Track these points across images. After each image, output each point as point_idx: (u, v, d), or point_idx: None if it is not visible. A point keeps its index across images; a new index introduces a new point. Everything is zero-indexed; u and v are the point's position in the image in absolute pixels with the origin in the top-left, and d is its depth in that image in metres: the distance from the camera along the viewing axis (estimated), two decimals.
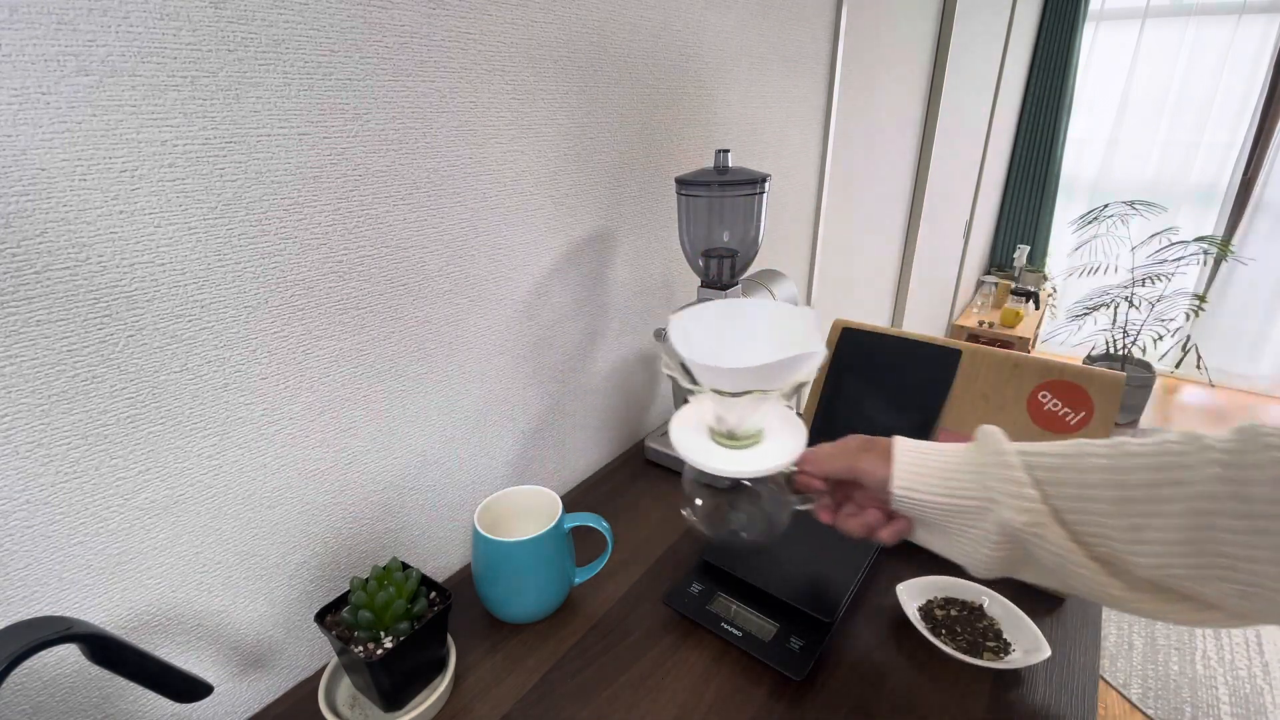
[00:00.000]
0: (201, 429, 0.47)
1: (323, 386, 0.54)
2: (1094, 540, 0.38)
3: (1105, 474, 0.38)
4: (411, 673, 0.50)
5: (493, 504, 0.60)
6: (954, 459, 0.44)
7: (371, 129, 0.51)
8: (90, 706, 0.45)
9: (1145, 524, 0.36)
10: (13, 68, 0.34)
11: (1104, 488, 0.38)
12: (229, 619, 0.52)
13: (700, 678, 0.54)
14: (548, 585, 0.58)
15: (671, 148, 0.86)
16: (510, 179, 0.65)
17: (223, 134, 0.43)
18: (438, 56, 0.55)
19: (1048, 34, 3.12)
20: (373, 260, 0.54)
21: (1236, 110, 2.86)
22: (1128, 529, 0.37)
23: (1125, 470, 0.37)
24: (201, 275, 0.44)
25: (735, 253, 0.75)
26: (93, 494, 0.42)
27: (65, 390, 0.40)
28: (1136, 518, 0.36)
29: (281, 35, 0.45)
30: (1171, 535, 0.35)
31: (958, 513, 0.43)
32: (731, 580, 0.60)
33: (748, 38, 0.96)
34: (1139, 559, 0.37)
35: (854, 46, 1.28)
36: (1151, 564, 0.36)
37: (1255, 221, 2.89)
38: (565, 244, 0.74)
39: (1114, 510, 0.37)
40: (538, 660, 0.56)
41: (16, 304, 0.37)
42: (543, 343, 0.75)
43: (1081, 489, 0.38)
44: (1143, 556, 0.36)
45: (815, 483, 0.50)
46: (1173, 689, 1.57)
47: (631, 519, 0.75)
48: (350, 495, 0.58)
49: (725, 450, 0.50)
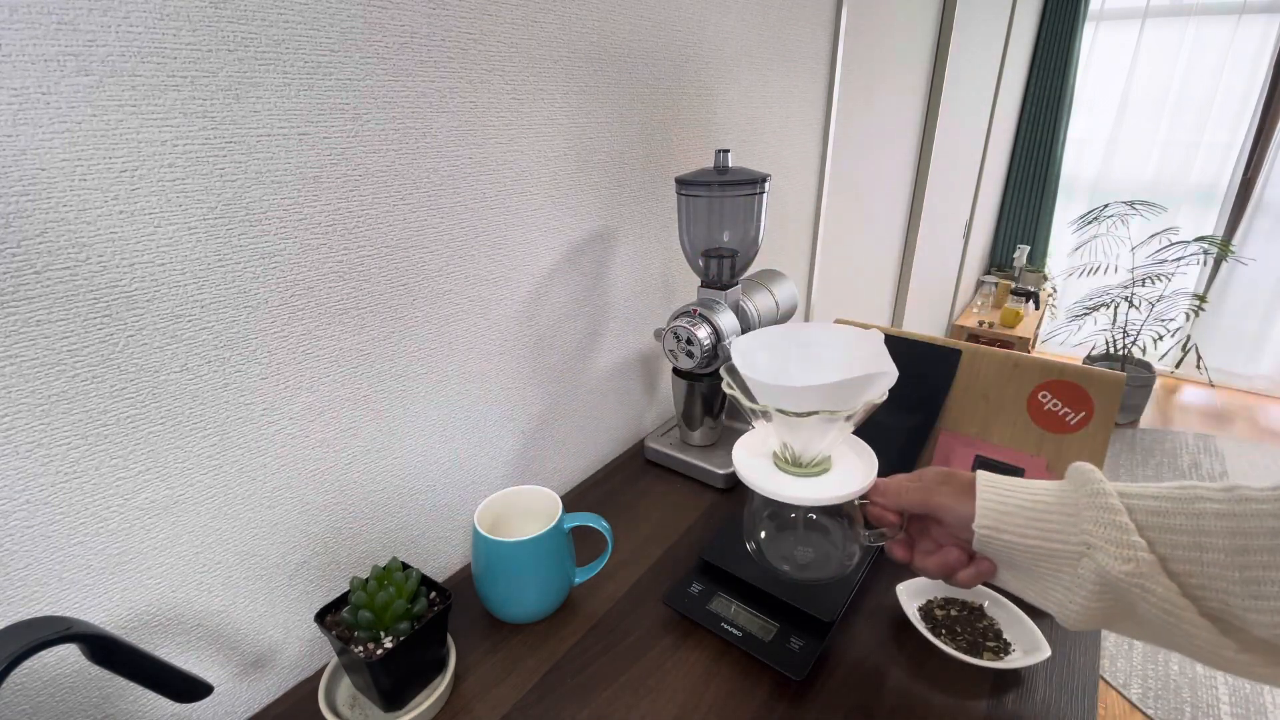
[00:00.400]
0: (201, 429, 0.47)
1: (323, 386, 0.54)
2: (1205, 595, 0.35)
3: (1222, 520, 0.34)
4: (411, 673, 0.50)
5: (493, 504, 0.60)
6: (1044, 497, 0.41)
7: (371, 129, 0.51)
8: (90, 706, 0.45)
9: (1266, 577, 0.32)
10: (13, 68, 0.34)
11: (1220, 535, 0.34)
12: (229, 619, 0.52)
13: (700, 678, 0.54)
14: (548, 585, 0.58)
15: (671, 148, 0.86)
16: (510, 179, 0.65)
17: (223, 134, 0.43)
18: (438, 56, 0.55)
19: (1048, 34, 3.13)
20: (373, 260, 0.54)
21: (1236, 110, 2.86)
22: (1245, 582, 0.33)
23: (1244, 517, 0.33)
24: (201, 275, 0.44)
25: (735, 253, 0.75)
26: (93, 494, 0.42)
27: (65, 390, 0.40)
28: (1257, 570, 0.32)
29: (281, 35, 0.45)
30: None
31: (1048, 556, 0.40)
32: (731, 580, 0.60)
33: (748, 37, 0.96)
34: (1258, 616, 0.33)
35: (854, 46, 1.28)
36: (1271, 622, 0.32)
37: (1255, 221, 2.89)
38: (565, 244, 0.74)
39: (1230, 562, 0.33)
40: (538, 660, 0.56)
41: (16, 304, 0.37)
42: (543, 343, 0.75)
43: (1195, 536, 0.34)
44: (1263, 614, 0.33)
45: (889, 516, 0.47)
46: (1173, 689, 1.57)
47: (631, 519, 0.75)
48: (350, 495, 0.58)
49: (792, 478, 0.49)
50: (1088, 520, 0.38)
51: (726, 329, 0.74)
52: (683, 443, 0.86)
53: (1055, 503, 0.40)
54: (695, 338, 0.72)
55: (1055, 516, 0.39)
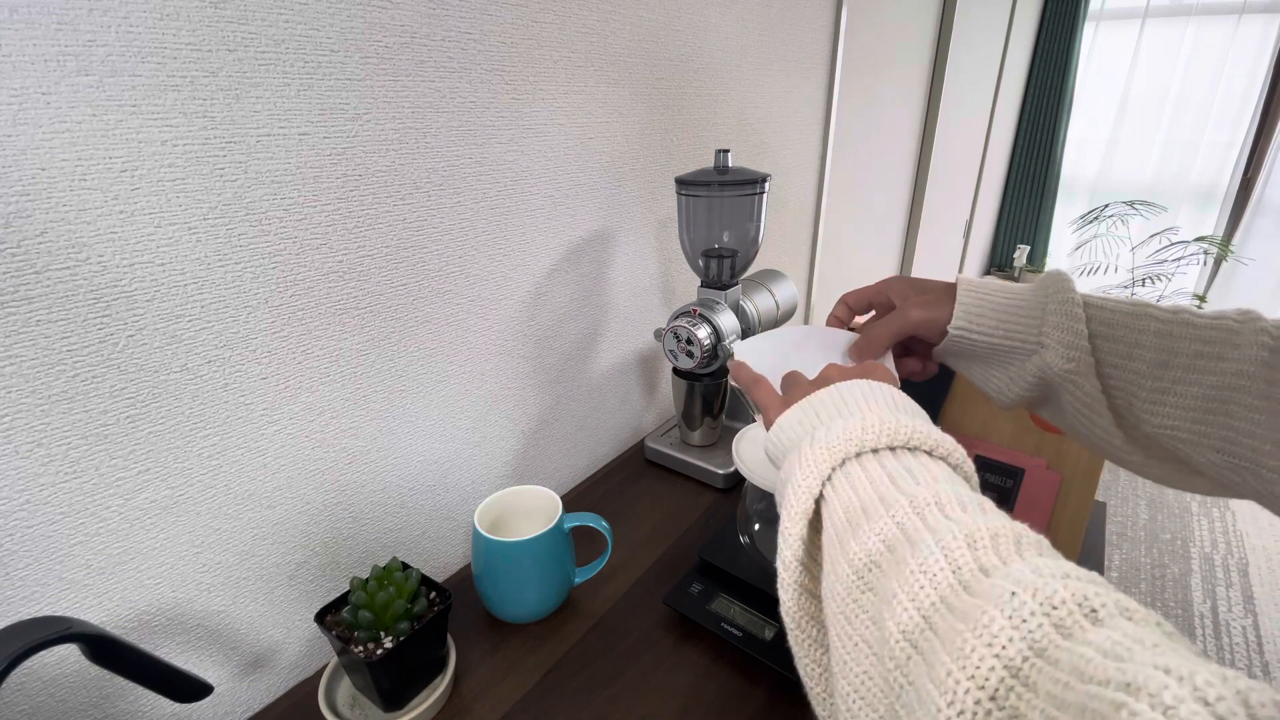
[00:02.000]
0: (201, 429, 0.47)
1: (323, 386, 0.54)
2: (1118, 393, 0.40)
3: (1157, 338, 0.39)
4: (411, 673, 0.50)
5: (493, 504, 0.60)
6: (1019, 299, 0.44)
7: (371, 129, 0.51)
8: (90, 706, 0.45)
9: (1171, 389, 0.38)
10: (13, 68, 0.34)
11: (1151, 350, 0.39)
12: (229, 619, 0.52)
13: (700, 678, 0.54)
14: (548, 585, 0.58)
15: (671, 148, 0.86)
16: (510, 179, 0.65)
17: (223, 134, 0.43)
18: (438, 56, 0.55)
19: (1048, 34, 3.13)
20: (372, 260, 0.54)
21: (1236, 110, 2.86)
22: (1155, 390, 0.38)
23: (1177, 338, 0.38)
24: (201, 275, 0.44)
25: (735, 253, 0.75)
26: (93, 494, 0.42)
27: (65, 390, 0.40)
28: (1167, 383, 0.38)
29: (281, 35, 0.45)
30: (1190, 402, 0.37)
31: (1006, 352, 0.44)
32: (731, 580, 0.60)
33: (748, 38, 0.96)
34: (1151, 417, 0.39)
35: (854, 46, 1.28)
36: (1160, 423, 0.38)
37: (1255, 221, 2.89)
38: (565, 244, 0.74)
39: (1150, 371, 0.39)
40: (538, 660, 0.56)
41: (16, 304, 0.37)
42: (543, 343, 0.75)
43: (1131, 347, 0.39)
44: (1155, 416, 0.38)
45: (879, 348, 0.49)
46: None
47: (631, 519, 0.75)
48: (350, 495, 0.58)
49: None
50: (1050, 324, 0.42)
51: (726, 329, 0.74)
52: (683, 443, 0.86)
53: (1025, 304, 0.43)
54: (695, 338, 0.72)
55: (1022, 318, 0.43)
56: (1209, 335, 0.37)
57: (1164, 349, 0.38)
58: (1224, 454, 0.36)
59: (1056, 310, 0.41)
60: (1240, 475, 0.36)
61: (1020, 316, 0.43)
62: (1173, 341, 0.38)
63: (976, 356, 0.46)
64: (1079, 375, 0.40)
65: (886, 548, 0.27)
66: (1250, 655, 1.66)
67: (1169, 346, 0.38)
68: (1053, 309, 0.42)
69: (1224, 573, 1.93)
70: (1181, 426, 0.38)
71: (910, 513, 0.27)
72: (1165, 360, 0.38)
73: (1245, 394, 0.35)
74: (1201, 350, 0.37)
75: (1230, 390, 0.36)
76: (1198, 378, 0.37)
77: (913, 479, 0.29)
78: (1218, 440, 0.36)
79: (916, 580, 0.24)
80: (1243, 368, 0.35)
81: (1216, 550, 2.02)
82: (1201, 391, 0.37)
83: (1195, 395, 0.37)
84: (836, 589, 0.28)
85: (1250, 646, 1.68)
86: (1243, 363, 0.35)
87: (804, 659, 0.32)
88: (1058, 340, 0.41)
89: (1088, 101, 3.21)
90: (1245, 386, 0.35)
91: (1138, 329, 0.39)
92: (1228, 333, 0.37)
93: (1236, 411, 0.35)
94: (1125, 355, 0.40)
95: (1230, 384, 0.36)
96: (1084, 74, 3.18)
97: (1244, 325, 0.36)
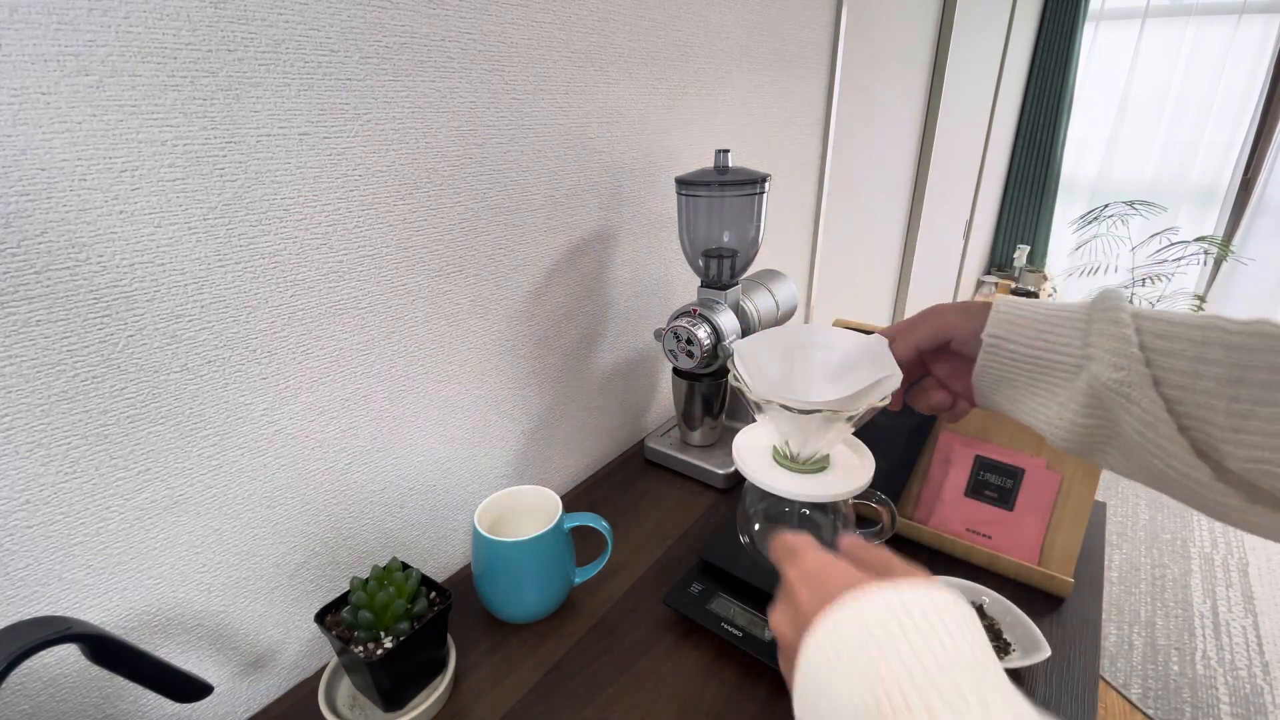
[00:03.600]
0: (201, 429, 0.47)
1: (322, 386, 0.54)
2: (1189, 423, 0.34)
3: (1226, 351, 0.33)
4: (411, 673, 0.50)
5: (493, 504, 0.60)
6: (1058, 311, 0.40)
7: (371, 129, 0.52)
8: (90, 706, 0.45)
9: (1255, 411, 0.32)
10: (13, 68, 0.34)
11: (1219, 365, 0.33)
12: (229, 619, 0.52)
13: (700, 678, 0.54)
14: (548, 585, 0.58)
15: (671, 148, 0.86)
16: (510, 179, 0.65)
17: (223, 134, 0.43)
18: (438, 56, 0.55)
19: (1048, 34, 3.13)
20: (372, 260, 0.54)
21: (1236, 110, 2.86)
22: (1231, 414, 0.33)
23: (1251, 350, 0.32)
24: (201, 275, 0.44)
25: (735, 253, 0.75)
26: (93, 494, 0.42)
27: (65, 390, 0.40)
28: (1247, 403, 0.32)
29: (281, 35, 0.45)
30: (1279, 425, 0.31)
31: (1049, 369, 0.40)
32: (731, 580, 0.60)
33: (748, 38, 0.96)
34: (1236, 450, 0.33)
35: (854, 46, 1.28)
36: (1247, 456, 0.32)
37: (1255, 221, 2.89)
38: (565, 244, 0.74)
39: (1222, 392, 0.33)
40: (538, 660, 0.56)
41: (16, 304, 0.37)
42: (543, 343, 0.75)
43: (1194, 363, 0.34)
44: (1241, 448, 0.32)
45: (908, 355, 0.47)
46: (1173, 689, 1.57)
47: (631, 519, 0.75)
48: (350, 495, 0.58)
49: (790, 474, 0.50)
50: (1095, 333, 0.37)
51: (726, 329, 0.74)
52: (683, 443, 0.86)
53: (1069, 317, 0.39)
54: (695, 338, 0.72)
55: (1065, 329, 0.39)
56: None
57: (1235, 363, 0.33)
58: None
59: (1101, 318, 0.37)
60: None
61: (1060, 326, 0.39)
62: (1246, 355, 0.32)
63: (1018, 380, 0.42)
64: (1132, 388, 0.35)
65: None
66: (1250, 655, 1.66)
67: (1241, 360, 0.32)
68: (1098, 318, 0.37)
69: (1224, 573, 1.93)
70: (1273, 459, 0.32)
71: None
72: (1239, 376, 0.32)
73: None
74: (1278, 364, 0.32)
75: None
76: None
77: None
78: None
79: None
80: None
81: (1216, 550, 2.02)
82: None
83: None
84: None
85: (1250, 646, 1.68)
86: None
87: None
88: (1104, 348, 0.36)
89: (1088, 101, 3.22)
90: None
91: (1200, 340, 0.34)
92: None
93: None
94: (1189, 372, 0.34)
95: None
96: (1084, 74, 3.18)
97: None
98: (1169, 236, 2.71)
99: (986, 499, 0.65)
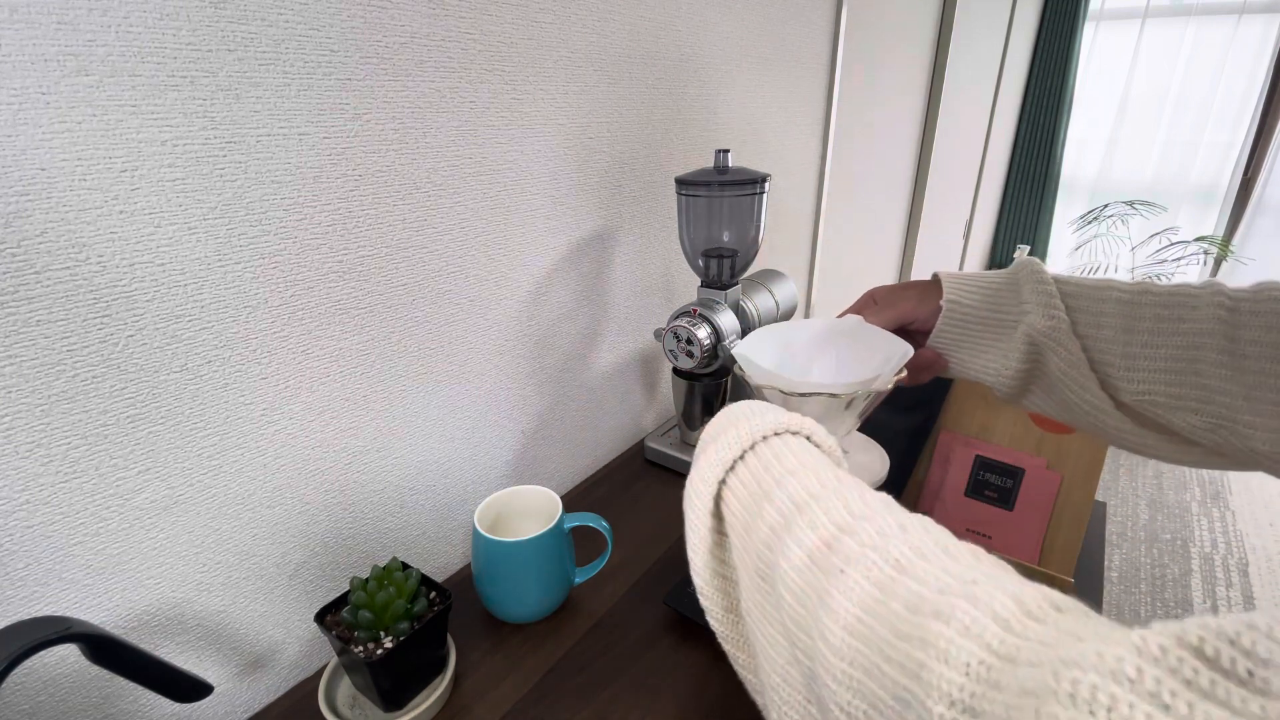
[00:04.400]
0: (201, 429, 0.47)
1: (322, 386, 0.54)
2: (1095, 364, 0.43)
3: (1120, 305, 0.42)
4: (411, 673, 0.50)
5: (493, 504, 0.60)
6: (992, 277, 0.49)
7: (371, 129, 0.51)
8: (90, 706, 0.45)
9: (1140, 353, 0.41)
10: (13, 68, 0.34)
11: (1115, 317, 0.42)
12: (229, 619, 0.52)
13: (700, 678, 0.54)
14: (548, 585, 0.58)
15: (671, 148, 0.86)
16: (510, 179, 0.65)
17: (223, 134, 0.43)
18: (438, 56, 0.55)
19: (1048, 34, 3.12)
20: (372, 260, 0.54)
21: (1236, 110, 2.86)
22: (1125, 357, 0.42)
23: (1139, 305, 0.41)
24: (201, 275, 0.44)
25: (735, 253, 0.75)
26: (93, 494, 0.42)
27: (65, 390, 0.40)
28: (1135, 348, 0.41)
29: (281, 35, 0.45)
30: (1159, 364, 0.40)
31: (996, 325, 0.47)
32: None
33: (748, 38, 0.96)
34: (1127, 385, 0.42)
35: (854, 46, 1.28)
36: (1135, 389, 0.41)
37: (1255, 221, 2.89)
38: (565, 244, 0.74)
39: (1118, 339, 0.42)
40: (538, 660, 0.56)
41: (16, 304, 0.37)
42: (543, 343, 0.75)
43: (1097, 316, 0.43)
44: (1130, 383, 0.41)
45: None
46: None
47: (631, 519, 0.75)
48: (350, 495, 0.58)
49: None
50: (1026, 292, 0.45)
51: (726, 329, 0.74)
52: (683, 443, 0.86)
53: (1003, 280, 0.48)
54: (695, 338, 0.72)
55: (1003, 293, 0.47)
56: (1168, 300, 0.40)
57: (1128, 315, 0.41)
58: (1200, 415, 0.39)
59: (1029, 281, 0.46)
60: (1220, 435, 0.38)
61: (1000, 291, 0.47)
62: (1135, 308, 0.41)
63: (967, 340, 0.49)
64: (1060, 334, 0.43)
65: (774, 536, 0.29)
66: None
67: (1132, 313, 0.41)
68: (1026, 281, 0.46)
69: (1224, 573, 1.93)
70: (1156, 390, 0.40)
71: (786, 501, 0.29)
72: (1130, 326, 0.41)
73: (1210, 351, 0.38)
74: (1162, 314, 0.40)
75: (1195, 349, 0.38)
76: (1163, 340, 0.40)
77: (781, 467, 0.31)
78: (1192, 401, 0.39)
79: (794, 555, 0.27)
80: (1203, 326, 0.38)
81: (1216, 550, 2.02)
82: (1168, 354, 0.40)
83: (1163, 358, 0.40)
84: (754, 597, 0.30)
85: None
86: (1202, 321, 0.38)
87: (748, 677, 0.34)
88: (1036, 303, 0.44)
89: (1088, 101, 3.21)
90: (1208, 344, 0.38)
91: (1101, 298, 0.43)
92: (1186, 297, 0.39)
93: (1204, 369, 0.38)
94: (1094, 324, 0.43)
95: (1194, 343, 0.38)
96: (1084, 74, 3.18)
97: (1202, 290, 0.39)
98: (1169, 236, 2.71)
99: (986, 499, 0.65)
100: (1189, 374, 0.39)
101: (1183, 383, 0.39)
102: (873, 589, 0.23)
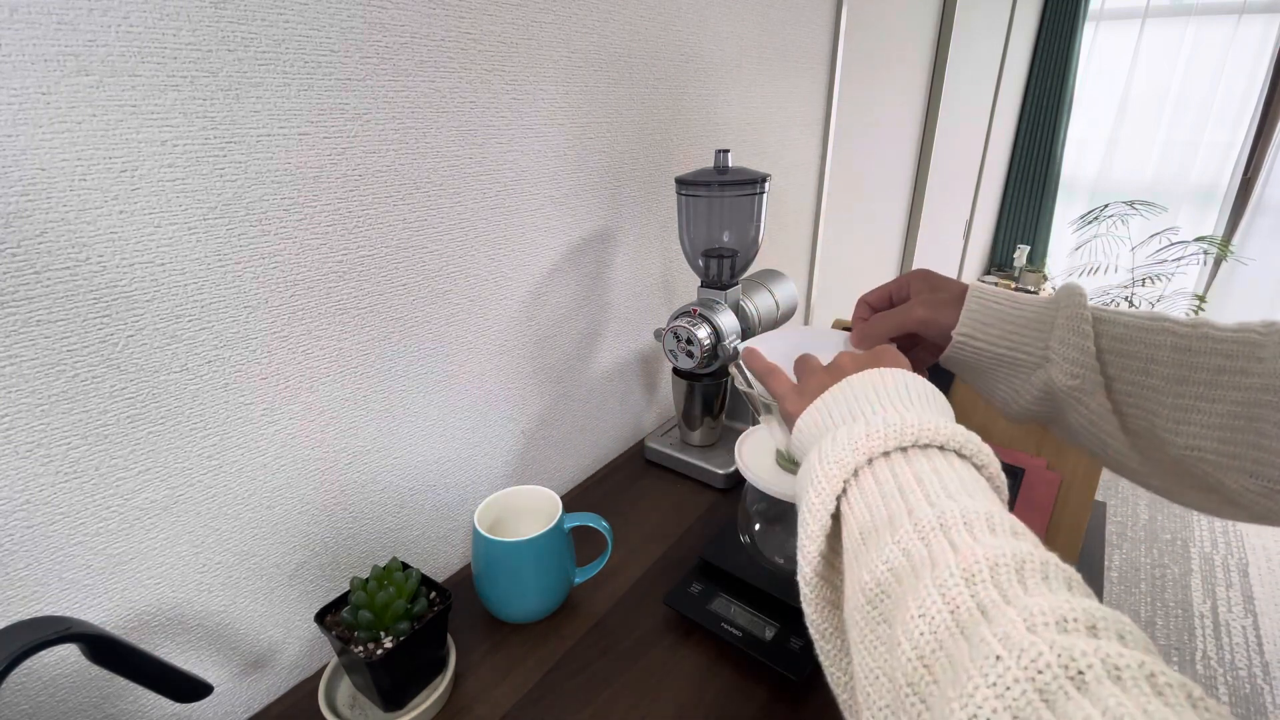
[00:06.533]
0: (201, 429, 0.47)
1: (323, 386, 0.54)
2: (1137, 413, 0.38)
3: (1175, 352, 0.37)
4: (411, 673, 0.50)
5: (493, 504, 0.60)
6: (1027, 310, 0.43)
7: (371, 129, 0.51)
8: (90, 706, 0.45)
9: (1193, 405, 0.36)
10: (13, 68, 0.34)
11: (1168, 365, 0.37)
12: (229, 619, 0.52)
13: (700, 678, 0.54)
14: (548, 585, 0.58)
15: (671, 148, 0.86)
16: (510, 179, 0.65)
17: (223, 134, 0.43)
18: (438, 56, 0.55)
19: (1048, 34, 3.12)
20: (372, 260, 0.54)
21: (1236, 110, 2.86)
22: (1177, 408, 0.37)
23: (1195, 352, 0.36)
24: (201, 275, 0.44)
25: (735, 253, 0.75)
26: (93, 494, 0.42)
27: (65, 390, 0.40)
28: (1189, 399, 0.36)
29: (281, 35, 0.45)
30: (1215, 420, 0.35)
31: (1010, 364, 0.43)
32: (731, 580, 0.60)
33: (748, 38, 0.96)
34: (1176, 439, 0.37)
35: (854, 46, 1.28)
36: (1185, 444, 0.36)
37: (1255, 221, 2.89)
38: (565, 244, 0.74)
39: (1169, 388, 0.37)
40: (538, 660, 0.56)
41: (16, 304, 0.37)
42: (543, 343, 0.75)
43: (1147, 363, 0.38)
44: (1181, 437, 0.36)
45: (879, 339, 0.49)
46: None
47: (631, 519, 0.75)
48: (350, 495, 0.58)
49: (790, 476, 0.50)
50: (1056, 338, 0.40)
51: (726, 329, 0.74)
52: (683, 443, 0.86)
53: (1034, 317, 0.42)
54: (695, 338, 0.72)
55: (1029, 330, 0.42)
56: (1231, 349, 0.35)
57: (1182, 364, 0.36)
58: (1256, 478, 0.34)
59: (1064, 325, 0.40)
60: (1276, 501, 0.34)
61: (1027, 328, 0.42)
62: (1192, 356, 0.36)
63: (981, 368, 0.45)
64: (1084, 394, 0.39)
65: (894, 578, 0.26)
66: (1250, 655, 1.66)
67: (1188, 361, 0.36)
68: (1061, 323, 0.40)
69: (1224, 573, 1.93)
70: (1207, 448, 0.35)
71: (915, 537, 0.26)
72: (1184, 376, 0.36)
73: (1274, 410, 0.33)
74: (1223, 365, 0.35)
75: (1257, 407, 0.33)
76: (1221, 394, 0.35)
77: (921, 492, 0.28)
78: (1248, 463, 0.34)
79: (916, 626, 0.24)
80: (1270, 382, 0.33)
81: (1216, 550, 2.02)
82: (1226, 409, 0.35)
83: (1220, 413, 0.35)
84: (855, 617, 0.27)
85: (1250, 646, 1.68)
86: (1269, 377, 0.33)
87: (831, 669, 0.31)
88: (1062, 356, 0.39)
89: (1088, 101, 3.21)
90: (1273, 403, 0.33)
91: (1153, 343, 0.38)
92: (1251, 345, 0.34)
93: (1266, 430, 0.33)
94: (1141, 371, 0.38)
95: (1257, 400, 0.33)
96: (1084, 74, 3.18)
97: (1268, 337, 0.34)
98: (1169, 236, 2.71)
99: None
100: (1248, 432, 0.34)
101: (1239, 441, 0.34)
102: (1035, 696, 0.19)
